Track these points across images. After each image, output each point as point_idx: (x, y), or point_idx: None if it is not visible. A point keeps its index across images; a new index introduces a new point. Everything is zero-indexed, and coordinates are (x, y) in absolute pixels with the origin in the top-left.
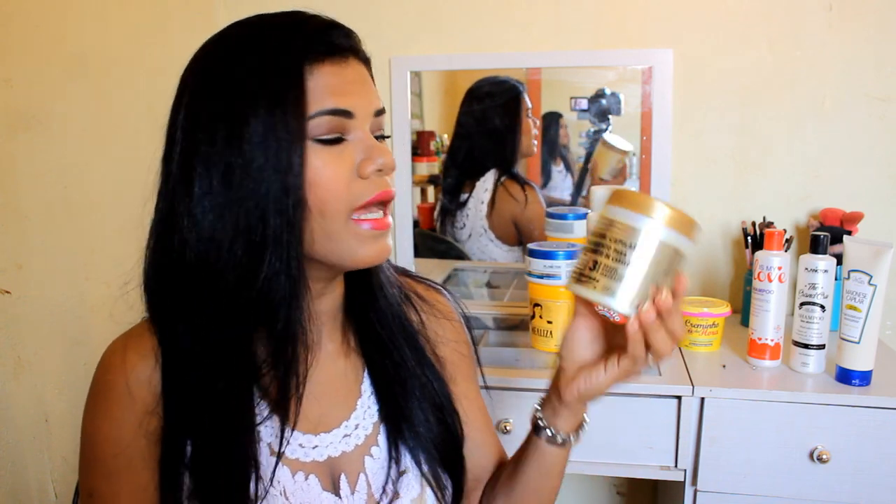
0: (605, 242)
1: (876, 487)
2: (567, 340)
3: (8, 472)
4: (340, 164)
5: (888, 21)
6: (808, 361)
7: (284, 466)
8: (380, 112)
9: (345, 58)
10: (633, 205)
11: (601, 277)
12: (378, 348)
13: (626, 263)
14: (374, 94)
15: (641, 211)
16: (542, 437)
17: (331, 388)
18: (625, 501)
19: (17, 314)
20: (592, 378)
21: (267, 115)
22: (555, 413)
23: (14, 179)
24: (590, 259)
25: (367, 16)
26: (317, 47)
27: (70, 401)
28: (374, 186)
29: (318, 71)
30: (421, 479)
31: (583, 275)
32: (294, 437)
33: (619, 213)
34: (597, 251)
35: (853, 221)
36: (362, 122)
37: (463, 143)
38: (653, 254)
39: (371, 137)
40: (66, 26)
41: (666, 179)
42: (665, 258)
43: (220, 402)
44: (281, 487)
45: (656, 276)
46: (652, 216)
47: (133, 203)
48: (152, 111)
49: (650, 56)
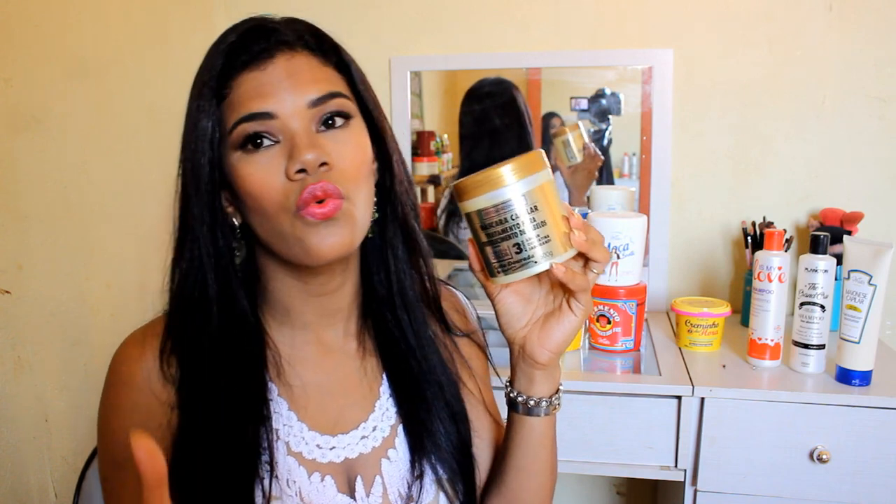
0: (493, 230)
1: (876, 487)
2: (503, 316)
3: (8, 472)
4: (269, 170)
5: (888, 21)
6: (808, 361)
7: (301, 467)
8: (320, 100)
9: (266, 59)
10: (483, 187)
11: (516, 257)
12: (396, 351)
13: (522, 232)
14: (308, 84)
15: (494, 186)
16: (520, 410)
17: (349, 388)
18: (625, 501)
19: (17, 314)
20: (564, 325)
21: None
22: (531, 381)
23: (14, 179)
24: (491, 252)
25: (367, 16)
26: (235, 60)
27: (70, 401)
28: (295, 191)
29: (239, 81)
30: (436, 484)
31: (496, 268)
32: (311, 438)
33: (481, 201)
34: (492, 242)
35: (853, 221)
36: (289, 120)
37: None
38: (531, 206)
39: (301, 135)
40: (66, 26)
41: (666, 179)
42: (541, 197)
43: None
44: (297, 488)
45: (549, 216)
46: (506, 183)
47: (133, 203)
48: (152, 111)
49: (650, 56)
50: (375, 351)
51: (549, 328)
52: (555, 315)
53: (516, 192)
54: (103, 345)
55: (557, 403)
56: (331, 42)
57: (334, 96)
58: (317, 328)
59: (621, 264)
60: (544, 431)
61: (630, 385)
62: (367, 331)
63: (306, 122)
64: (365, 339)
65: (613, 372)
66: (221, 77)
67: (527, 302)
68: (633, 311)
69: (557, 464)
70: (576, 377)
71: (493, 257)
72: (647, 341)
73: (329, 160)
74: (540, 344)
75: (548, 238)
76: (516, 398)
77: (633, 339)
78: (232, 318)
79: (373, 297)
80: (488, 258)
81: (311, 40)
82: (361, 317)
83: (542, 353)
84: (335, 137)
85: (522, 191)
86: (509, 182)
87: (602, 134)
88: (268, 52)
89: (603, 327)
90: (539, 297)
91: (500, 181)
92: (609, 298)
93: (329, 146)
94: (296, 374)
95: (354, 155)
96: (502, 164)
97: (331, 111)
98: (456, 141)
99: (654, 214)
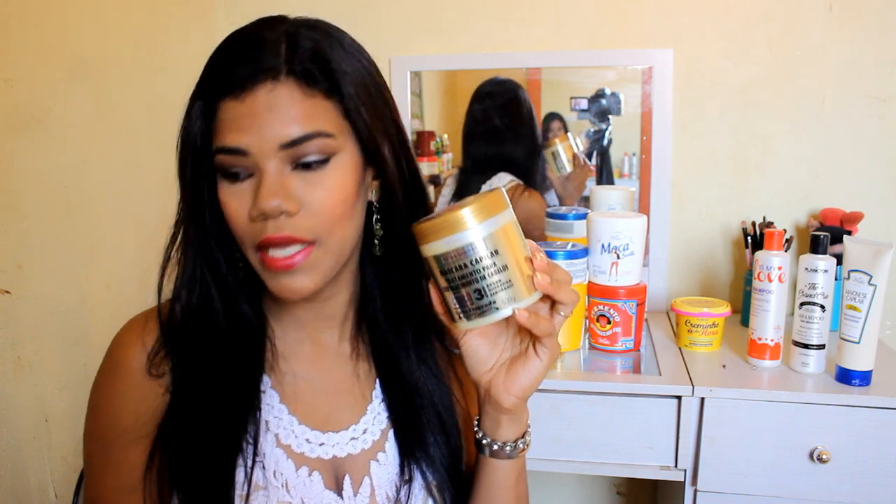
0: (453, 276)
1: (876, 487)
2: (469, 359)
3: (8, 471)
4: (241, 203)
5: (888, 21)
6: (808, 361)
7: (289, 459)
8: (295, 142)
9: (247, 89)
10: (442, 231)
11: (477, 303)
12: (389, 357)
13: (483, 277)
14: (286, 122)
15: (453, 230)
16: (486, 452)
17: (341, 389)
18: (625, 501)
19: (17, 314)
20: (531, 369)
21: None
22: (497, 424)
23: (14, 179)
24: (452, 298)
25: (366, 16)
26: (221, 81)
27: (70, 401)
28: (259, 231)
29: (222, 106)
30: (425, 490)
31: (460, 313)
32: (301, 432)
33: (440, 246)
34: (453, 288)
35: (853, 221)
36: (261, 159)
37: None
38: (492, 249)
39: (269, 177)
40: (66, 26)
41: (666, 179)
42: (503, 240)
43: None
44: (283, 480)
45: (511, 259)
46: (466, 227)
47: (133, 203)
48: (152, 111)
49: (650, 56)
50: (369, 356)
51: (514, 372)
52: (520, 359)
53: (476, 235)
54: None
55: (524, 446)
56: (326, 64)
57: (312, 137)
58: (312, 329)
59: (621, 264)
60: (509, 474)
61: (630, 385)
62: (361, 335)
63: (278, 163)
64: (359, 343)
65: (613, 372)
66: (209, 97)
67: (493, 345)
68: (633, 311)
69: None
70: (576, 377)
71: (455, 303)
72: (647, 341)
73: (294, 208)
74: (505, 389)
75: (510, 283)
76: (482, 440)
77: (633, 339)
78: (233, 319)
79: (369, 305)
80: (449, 303)
81: (298, 66)
82: (357, 322)
83: (508, 399)
84: (309, 179)
85: (483, 234)
86: (469, 226)
87: (602, 134)
88: (250, 81)
89: (603, 327)
90: (505, 340)
91: (459, 225)
92: (609, 298)
93: (300, 189)
94: (290, 369)
95: (328, 197)
96: (461, 206)
97: (305, 154)
98: (456, 141)
99: (654, 214)
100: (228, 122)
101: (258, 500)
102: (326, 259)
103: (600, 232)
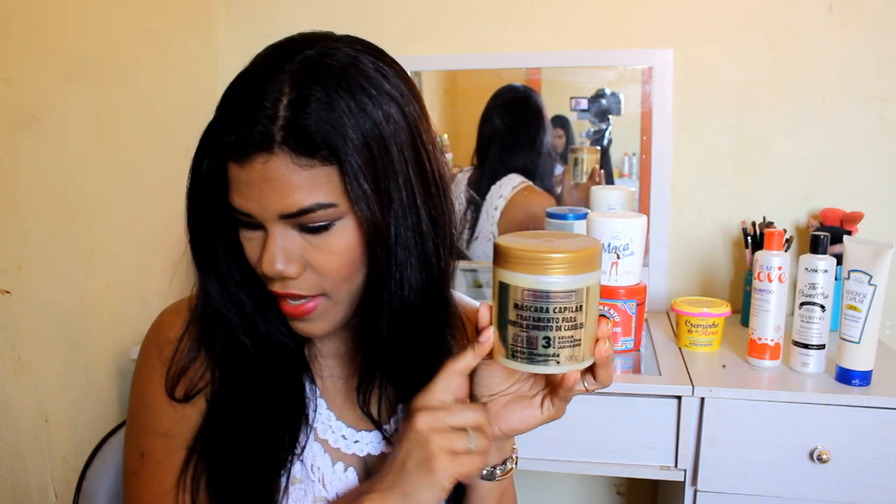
0: (527, 315)
1: (876, 487)
2: (479, 378)
3: (8, 471)
4: (255, 249)
5: (888, 21)
6: (808, 361)
7: (326, 454)
8: (291, 215)
9: (245, 157)
10: (529, 266)
11: (540, 350)
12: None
13: (559, 328)
14: (281, 196)
15: (542, 271)
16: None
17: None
18: (625, 501)
19: (17, 314)
20: (528, 416)
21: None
22: None
23: (14, 179)
24: (513, 333)
25: (366, 16)
26: (222, 146)
27: (70, 401)
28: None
29: (230, 165)
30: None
31: (514, 351)
32: (338, 427)
33: (523, 280)
34: (520, 325)
35: (853, 221)
36: (266, 223)
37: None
38: (578, 304)
39: (271, 242)
40: (66, 26)
41: (666, 179)
42: (587, 298)
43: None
44: (320, 474)
45: (588, 319)
46: (557, 273)
47: (133, 203)
48: (152, 111)
49: (650, 56)
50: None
51: (510, 410)
52: (522, 402)
53: (569, 286)
54: (103, 345)
55: (508, 468)
56: (324, 133)
57: (307, 212)
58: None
59: (621, 264)
60: (493, 495)
61: (630, 385)
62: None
63: (282, 227)
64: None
65: (613, 372)
66: (213, 157)
67: (508, 378)
68: (633, 311)
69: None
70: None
71: (513, 339)
72: (647, 341)
73: (296, 272)
74: (495, 420)
75: (578, 342)
76: None
77: (633, 339)
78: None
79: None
80: (507, 335)
81: (292, 138)
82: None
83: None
84: (314, 242)
85: (574, 287)
86: (565, 273)
87: (602, 134)
88: (245, 150)
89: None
90: (521, 379)
91: (550, 268)
92: (609, 298)
93: (306, 250)
94: (328, 365)
95: (333, 260)
96: (556, 250)
97: (307, 222)
98: (456, 141)
99: (654, 214)
100: (234, 184)
101: (295, 493)
102: (337, 309)
103: (600, 232)
